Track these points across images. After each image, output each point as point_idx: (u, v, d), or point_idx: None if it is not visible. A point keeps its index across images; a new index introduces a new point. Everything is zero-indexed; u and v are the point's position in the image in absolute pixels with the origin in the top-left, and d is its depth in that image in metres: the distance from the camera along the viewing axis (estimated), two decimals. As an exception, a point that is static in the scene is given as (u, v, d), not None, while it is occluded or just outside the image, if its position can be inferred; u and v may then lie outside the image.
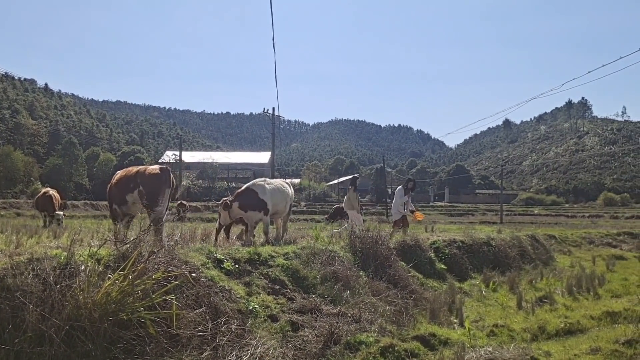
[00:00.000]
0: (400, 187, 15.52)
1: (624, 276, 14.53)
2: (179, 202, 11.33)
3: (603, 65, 18.80)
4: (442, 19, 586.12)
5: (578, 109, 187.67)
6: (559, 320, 9.40)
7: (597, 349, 7.75)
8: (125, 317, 5.09)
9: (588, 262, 17.31)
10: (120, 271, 5.38)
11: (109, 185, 9.65)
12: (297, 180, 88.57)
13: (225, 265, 7.56)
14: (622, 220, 46.72)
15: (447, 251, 12.88)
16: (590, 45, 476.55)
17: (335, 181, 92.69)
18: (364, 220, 15.36)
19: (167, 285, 5.59)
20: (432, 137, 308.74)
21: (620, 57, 16.42)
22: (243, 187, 11.48)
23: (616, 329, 8.90)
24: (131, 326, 5.12)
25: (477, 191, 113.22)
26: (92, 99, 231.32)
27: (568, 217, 56.11)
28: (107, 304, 5.02)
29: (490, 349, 6.91)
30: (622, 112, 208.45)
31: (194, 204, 48.72)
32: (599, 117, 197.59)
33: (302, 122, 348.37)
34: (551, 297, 11.11)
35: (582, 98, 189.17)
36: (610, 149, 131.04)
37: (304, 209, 54.41)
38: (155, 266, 5.79)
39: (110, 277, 5.31)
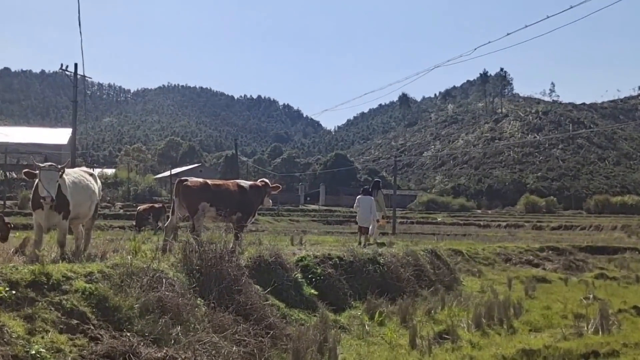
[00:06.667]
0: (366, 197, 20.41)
1: (545, 304, 15.69)
2: None
3: (526, 26, 20.00)
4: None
5: (495, 84, 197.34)
6: (463, 362, 9.96)
7: (509, 398, 8.31)
8: None
9: (503, 285, 18.47)
10: None
11: None
12: (110, 171, 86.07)
13: (-6, 290, 7.20)
14: (546, 231, 50.05)
15: (319, 271, 13.15)
16: (513, 4, 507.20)
17: (167, 173, 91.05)
18: None
19: None
20: (304, 116, 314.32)
21: (548, 17, 17.60)
22: None
23: (533, 372, 9.60)
24: None
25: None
26: None
27: (480, 226, 59.29)
28: None
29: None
30: (549, 90, 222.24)
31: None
32: (521, 95, 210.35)
33: (120, 87, 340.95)
34: (454, 332, 11.72)
35: (501, 69, 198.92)
36: (535, 137, 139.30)
37: (120, 211, 53.04)
38: None
39: None
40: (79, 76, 40.94)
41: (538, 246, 27.78)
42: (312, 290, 12.44)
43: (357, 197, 21.09)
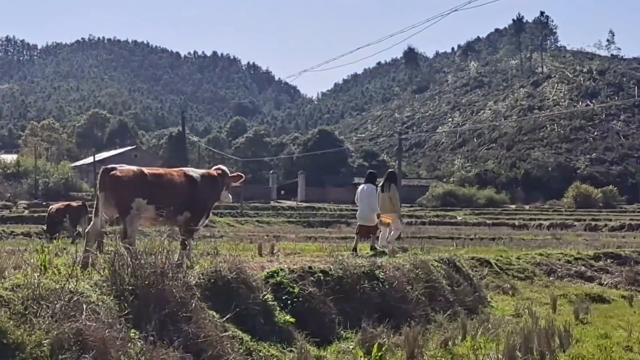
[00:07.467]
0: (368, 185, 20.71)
1: (603, 331, 15.71)
2: None
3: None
4: None
5: (534, 34, 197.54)
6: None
7: None
8: None
9: (545, 306, 18.51)
10: None
11: None
12: (10, 157, 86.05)
13: None
14: (603, 232, 50.22)
15: (297, 290, 13.09)
16: None
17: (90, 159, 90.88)
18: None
19: None
20: (276, 79, 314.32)
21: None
22: None
23: None
24: None
25: (356, 180, 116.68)
26: None
27: (514, 227, 59.58)
28: None
29: None
30: (607, 41, 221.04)
31: None
32: (568, 48, 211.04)
33: (23, 42, 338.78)
34: (480, 371, 11.70)
35: (541, 14, 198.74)
36: (587, 105, 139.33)
37: (25, 213, 53.13)
38: None
39: None
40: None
41: (592, 253, 27.88)
42: (288, 317, 12.32)
43: (359, 187, 21.25)
